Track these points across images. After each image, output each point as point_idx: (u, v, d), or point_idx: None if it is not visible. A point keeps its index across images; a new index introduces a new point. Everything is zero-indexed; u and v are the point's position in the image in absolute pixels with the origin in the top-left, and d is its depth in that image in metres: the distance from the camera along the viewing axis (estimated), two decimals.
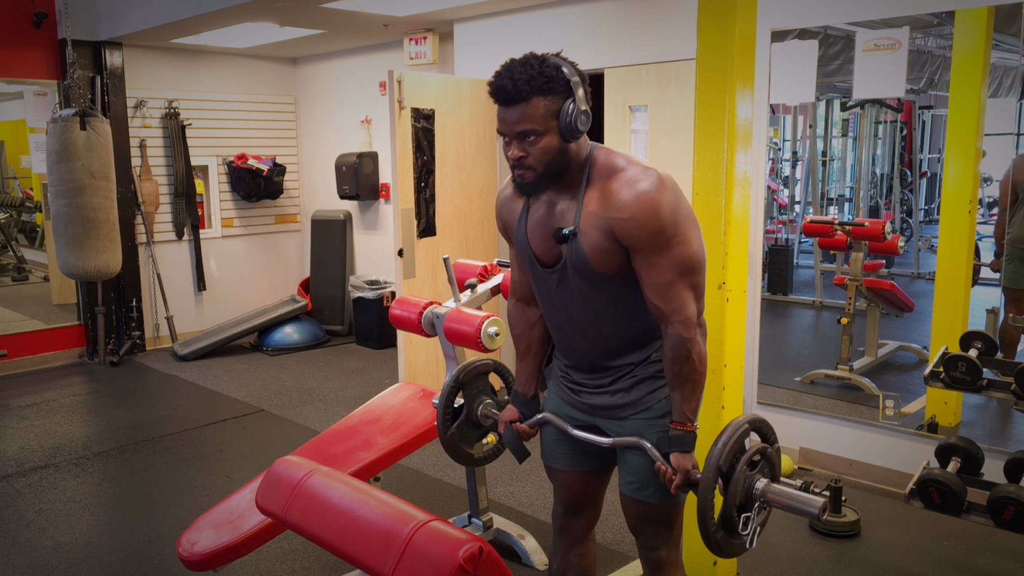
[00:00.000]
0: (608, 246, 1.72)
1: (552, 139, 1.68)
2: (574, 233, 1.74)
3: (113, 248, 5.13)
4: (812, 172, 4.99)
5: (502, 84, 1.65)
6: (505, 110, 1.67)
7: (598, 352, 1.87)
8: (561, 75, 1.66)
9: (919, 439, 3.55)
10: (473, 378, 2.39)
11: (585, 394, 1.93)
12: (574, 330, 1.87)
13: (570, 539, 2.11)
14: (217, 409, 4.92)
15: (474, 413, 2.40)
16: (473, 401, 2.40)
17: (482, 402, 2.41)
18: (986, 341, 2.96)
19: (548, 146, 1.68)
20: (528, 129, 1.66)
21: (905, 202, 4.67)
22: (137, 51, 6.08)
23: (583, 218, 1.74)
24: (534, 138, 1.67)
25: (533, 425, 2.04)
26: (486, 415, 2.39)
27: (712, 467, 1.67)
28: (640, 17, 4.25)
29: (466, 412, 2.39)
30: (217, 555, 2.36)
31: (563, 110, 1.66)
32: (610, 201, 1.70)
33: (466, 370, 2.39)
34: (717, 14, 2.54)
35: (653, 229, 1.68)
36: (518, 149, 1.69)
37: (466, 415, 2.39)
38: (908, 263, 4.70)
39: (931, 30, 3.59)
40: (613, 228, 1.70)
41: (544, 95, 1.64)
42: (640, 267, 1.73)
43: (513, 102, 1.65)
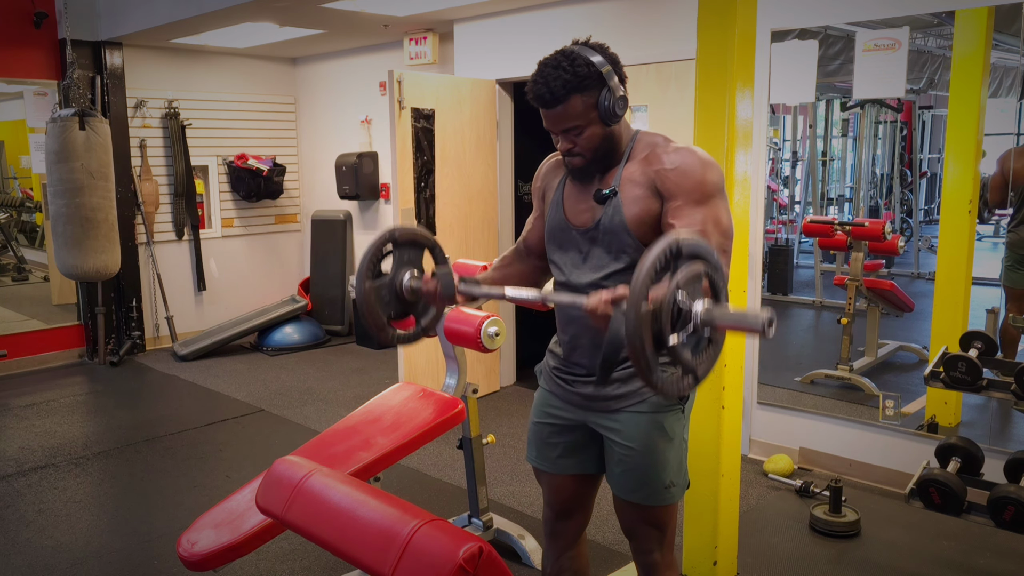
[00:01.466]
0: (648, 201, 1.76)
1: (595, 129, 1.77)
2: (614, 192, 1.80)
3: (112, 248, 5.13)
4: (812, 172, 4.99)
5: (539, 92, 1.73)
6: (546, 112, 1.77)
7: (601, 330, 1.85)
8: (593, 69, 1.72)
9: (919, 439, 3.55)
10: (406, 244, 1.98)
11: (579, 383, 1.92)
12: (586, 295, 1.85)
13: (561, 543, 2.10)
14: (217, 409, 4.92)
15: (399, 280, 1.97)
16: (400, 268, 1.98)
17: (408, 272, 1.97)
18: (986, 341, 2.96)
19: (592, 135, 1.77)
20: (571, 126, 1.76)
21: (905, 202, 4.67)
22: (137, 51, 6.08)
23: (624, 179, 1.81)
24: (578, 131, 1.77)
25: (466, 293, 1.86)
26: (412, 288, 1.96)
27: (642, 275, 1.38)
28: (640, 17, 4.25)
29: (391, 278, 1.97)
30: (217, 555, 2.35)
31: (600, 101, 1.74)
32: (655, 160, 1.78)
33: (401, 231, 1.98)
34: (717, 14, 2.54)
35: (696, 180, 1.73)
36: (566, 142, 1.80)
37: (390, 280, 1.97)
38: (908, 263, 4.70)
39: (931, 30, 3.59)
40: (655, 180, 1.76)
41: (580, 92, 1.72)
42: (673, 216, 1.73)
43: (553, 105, 1.74)
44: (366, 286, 1.90)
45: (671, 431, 1.87)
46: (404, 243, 1.96)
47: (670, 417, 1.86)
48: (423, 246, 1.99)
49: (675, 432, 1.88)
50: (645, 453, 1.85)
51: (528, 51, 4.72)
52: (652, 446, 1.85)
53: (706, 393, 2.64)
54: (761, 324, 1.37)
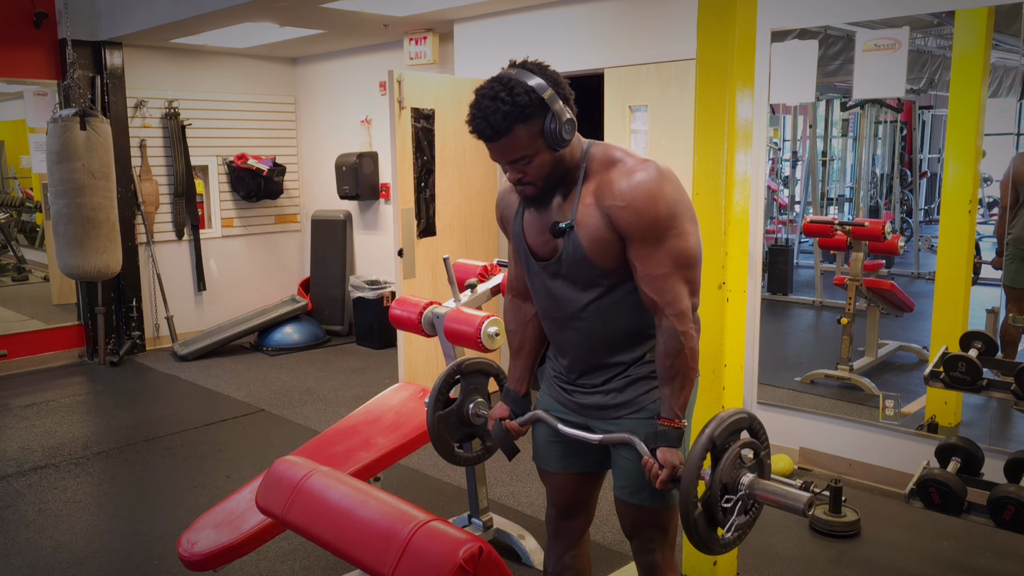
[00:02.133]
0: (605, 236, 1.72)
1: (543, 156, 1.70)
2: (571, 226, 1.74)
3: (113, 248, 5.13)
4: (812, 172, 4.99)
5: (480, 127, 1.67)
6: (491, 145, 1.70)
7: (591, 349, 1.86)
8: (533, 96, 1.64)
9: (919, 439, 3.55)
10: (473, 374, 2.34)
11: (578, 394, 1.92)
12: (568, 326, 1.86)
13: (564, 542, 2.10)
14: (217, 409, 4.92)
15: (465, 408, 2.34)
16: (467, 396, 2.35)
17: (475, 400, 2.35)
18: (986, 341, 2.95)
19: (541, 163, 1.71)
20: (517, 157, 1.70)
21: (905, 202, 4.67)
22: (137, 51, 6.08)
23: (580, 210, 1.74)
24: (526, 161, 1.70)
25: (524, 423, 2.02)
26: (476, 414, 2.33)
27: (697, 453, 1.63)
28: (640, 17, 4.25)
29: (458, 405, 2.34)
30: (217, 555, 2.36)
31: (545, 127, 1.67)
32: (608, 190, 1.71)
33: (468, 363, 2.33)
34: (717, 14, 2.54)
35: (650, 218, 1.67)
36: (514, 172, 1.74)
37: (457, 408, 2.34)
38: (908, 263, 4.70)
39: (931, 30, 3.59)
40: (611, 216, 1.70)
41: (522, 122, 1.65)
42: (635, 258, 1.72)
43: (496, 139, 1.67)
44: (436, 417, 2.26)
45: None
46: (470, 373, 2.31)
47: None
48: (488, 374, 2.34)
49: None
50: None
51: (528, 51, 4.72)
52: None
53: (706, 393, 2.64)
54: (802, 507, 1.62)
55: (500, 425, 2.05)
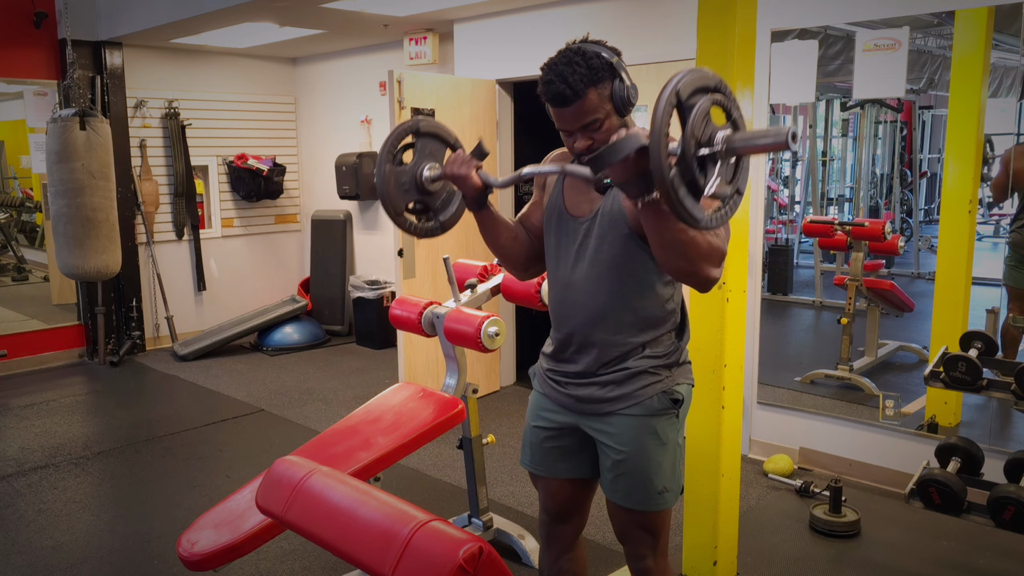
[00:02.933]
0: None
1: (613, 120, 1.73)
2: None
3: (113, 248, 5.14)
4: (812, 172, 4.99)
5: (558, 90, 1.67)
6: (561, 111, 1.71)
7: (597, 321, 1.84)
8: (604, 60, 1.70)
9: (919, 439, 3.55)
10: (429, 136, 1.98)
11: (571, 386, 1.91)
12: (581, 291, 1.85)
13: (559, 547, 2.09)
14: (217, 409, 4.92)
15: (418, 172, 1.96)
16: (421, 160, 1.98)
17: (428, 164, 1.97)
18: (986, 341, 2.96)
19: (611, 128, 1.73)
20: (589, 121, 1.71)
21: (905, 202, 4.67)
22: (137, 51, 6.08)
23: None
24: (597, 125, 1.72)
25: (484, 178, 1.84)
26: (431, 179, 1.96)
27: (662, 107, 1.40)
28: (640, 17, 4.25)
29: (411, 166, 1.98)
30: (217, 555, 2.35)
31: (614, 91, 1.71)
32: None
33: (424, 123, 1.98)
34: (717, 14, 2.54)
35: None
36: (584, 139, 1.73)
37: (411, 168, 1.97)
38: (908, 263, 4.70)
39: (931, 30, 3.59)
40: None
41: (595, 85, 1.69)
42: None
43: (571, 102, 1.69)
44: (386, 170, 1.92)
45: (664, 436, 1.85)
46: (427, 135, 1.97)
47: (663, 421, 1.85)
48: (446, 143, 1.99)
49: (668, 437, 1.86)
50: (638, 458, 1.84)
51: (528, 51, 4.76)
52: (645, 451, 1.84)
53: (706, 393, 2.64)
54: (785, 138, 1.35)
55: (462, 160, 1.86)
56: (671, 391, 1.85)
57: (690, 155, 1.39)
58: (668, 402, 1.84)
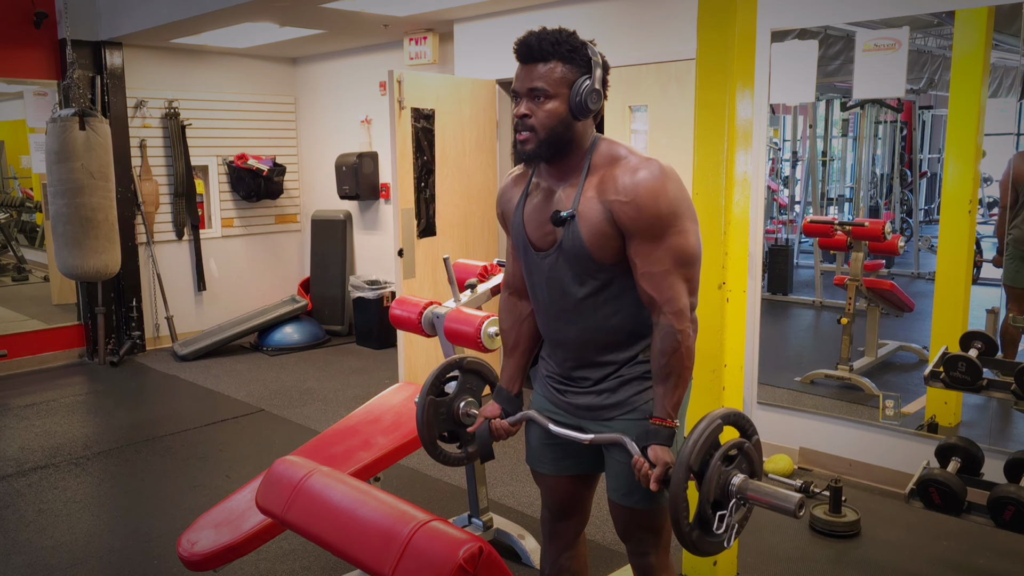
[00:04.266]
0: (605, 230, 1.71)
1: (560, 106, 1.71)
2: (572, 216, 1.74)
3: (112, 248, 5.13)
4: (812, 172, 4.99)
5: (528, 40, 1.72)
6: (523, 68, 1.74)
7: (585, 345, 1.85)
8: (585, 52, 1.72)
9: (919, 439, 3.55)
10: (471, 373, 2.22)
11: (570, 394, 1.91)
12: (562, 320, 1.85)
13: (560, 544, 2.09)
14: (217, 409, 4.92)
15: (456, 404, 2.21)
16: (461, 393, 2.22)
17: (466, 399, 2.22)
18: (986, 341, 2.95)
19: (555, 111, 1.71)
20: (540, 87, 1.71)
21: (905, 202, 4.67)
22: (137, 51, 6.08)
23: (582, 202, 1.74)
24: (543, 99, 1.71)
25: (514, 423, 1.99)
26: (467, 413, 2.21)
27: (683, 461, 1.60)
28: (640, 17, 4.25)
29: (450, 399, 2.21)
30: (217, 555, 2.36)
31: (577, 83, 1.71)
32: (611, 185, 1.72)
33: (469, 361, 2.22)
34: (717, 14, 2.54)
35: (652, 215, 1.68)
36: (525, 107, 1.73)
37: (449, 401, 2.21)
38: (908, 263, 4.70)
39: (931, 30, 3.59)
40: (612, 211, 1.70)
41: (564, 62, 1.70)
42: (635, 255, 1.72)
43: (533, 60, 1.71)
44: (427, 400, 2.14)
45: None
46: (469, 371, 2.20)
47: None
48: (487, 380, 2.21)
49: None
50: None
51: None
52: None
53: (706, 393, 2.64)
54: (791, 508, 1.62)
55: (486, 425, 2.02)
56: None
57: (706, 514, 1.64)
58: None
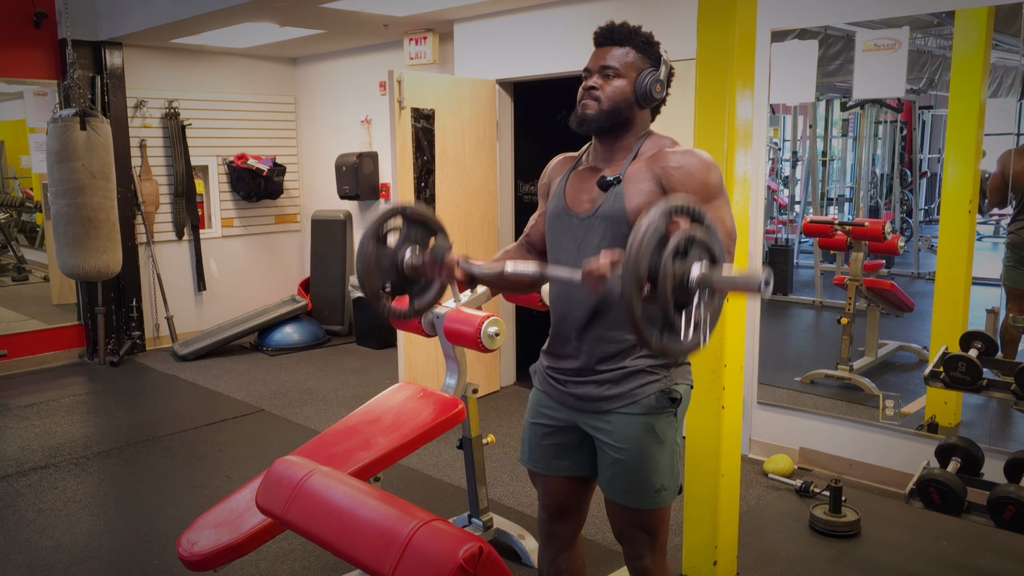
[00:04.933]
0: (651, 191, 1.78)
1: (627, 86, 1.83)
2: (618, 179, 1.82)
3: (113, 248, 5.13)
4: (812, 172, 4.99)
5: (609, 26, 1.85)
6: (600, 50, 1.86)
7: (595, 316, 1.84)
8: (656, 49, 1.86)
9: (919, 439, 3.55)
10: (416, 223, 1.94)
11: (570, 384, 1.91)
12: (578, 289, 1.78)
13: (558, 545, 2.09)
14: (217, 409, 4.92)
15: (400, 255, 1.92)
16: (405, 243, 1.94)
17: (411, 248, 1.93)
18: (986, 341, 2.96)
19: (620, 90, 1.83)
20: (612, 65, 1.83)
21: (905, 202, 4.67)
22: (137, 51, 6.08)
23: (630, 170, 1.83)
24: (612, 76, 1.83)
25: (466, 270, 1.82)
26: (412, 265, 1.91)
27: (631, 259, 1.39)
28: (640, 17, 4.22)
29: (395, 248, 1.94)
30: (217, 555, 2.35)
31: (645, 70, 1.84)
32: (661, 157, 1.81)
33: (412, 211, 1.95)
34: (717, 14, 2.55)
35: (701, 180, 1.76)
36: (594, 81, 1.84)
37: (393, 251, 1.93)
38: (908, 263, 4.70)
39: (931, 30, 3.59)
40: (661, 176, 1.79)
41: (638, 50, 1.84)
42: None
43: (612, 43, 1.85)
44: (368, 247, 1.88)
45: (662, 434, 1.85)
46: (414, 221, 1.94)
47: (662, 420, 1.85)
48: (432, 230, 1.95)
49: (667, 435, 1.86)
50: (635, 456, 1.84)
51: (528, 51, 4.76)
52: (643, 449, 1.84)
53: (706, 393, 2.64)
54: (758, 284, 1.39)
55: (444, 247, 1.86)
56: (669, 390, 1.85)
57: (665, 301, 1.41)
58: (666, 401, 1.84)
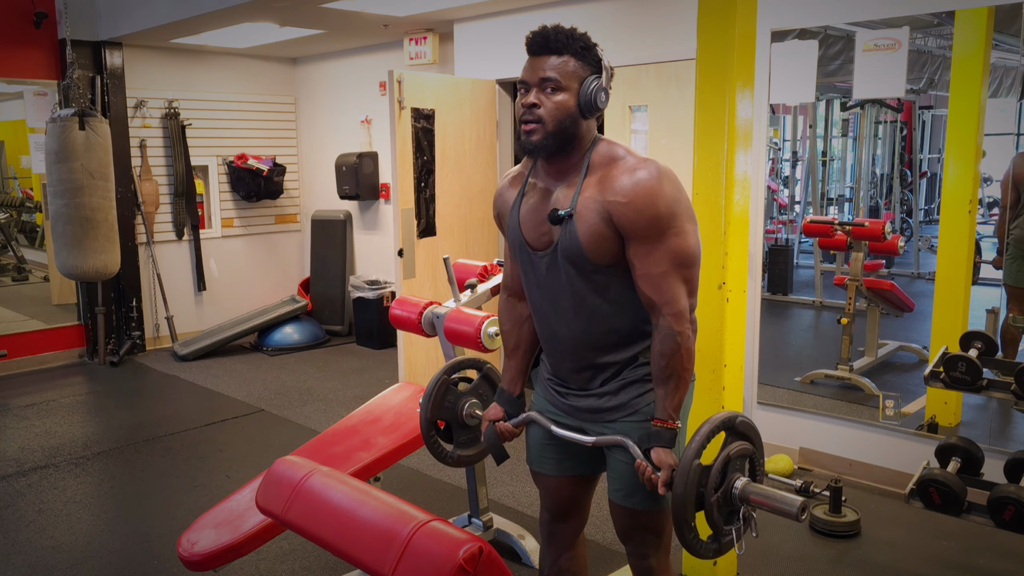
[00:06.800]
0: (603, 231, 1.71)
1: (569, 100, 1.72)
2: (570, 215, 1.73)
3: (112, 248, 5.13)
4: (812, 172, 4.99)
5: (544, 32, 1.74)
6: (535, 59, 1.75)
7: (582, 347, 1.84)
8: (595, 53, 1.75)
9: (919, 439, 3.55)
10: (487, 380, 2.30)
11: (571, 396, 1.91)
12: (559, 321, 1.84)
13: (559, 545, 2.09)
14: (217, 409, 4.92)
15: (462, 403, 2.28)
16: (469, 394, 2.30)
17: (469, 400, 2.29)
18: (986, 341, 2.95)
19: (563, 104, 1.72)
20: (552, 77, 1.72)
21: (905, 202, 4.67)
22: (137, 51, 6.08)
23: (580, 202, 1.74)
24: (553, 90, 1.72)
25: (517, 424, 1.99)
26: (470, 414, 2.28)
27: (687, 460, 1.62)
28: (640, 17, 4.25)
29: (457, 393, 2.29)
30: (217, 555, 2.36)
31: (587, 80, 1.73)
32: (609, 186, 1.71)
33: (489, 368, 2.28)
34: (717, 14, 2.54)
35: (650, 216, 1.68)
36: (534, 97, 1.73)
37: (455, 396, 2.29)
38: (908, 263, 4.70)
39: (931, 30, 3.59)
40: (611, 212, 1.70)
41: (577, 58, 1.73)
42: (634, 256, 1.71)
43: (548, 52, 1.73)
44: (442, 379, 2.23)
45: None
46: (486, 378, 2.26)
47: None
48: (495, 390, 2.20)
49: None
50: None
51: None
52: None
53: (706, 393, 2.64)
54: (795, 511, 1.59)
55: (492, 427, 2.01)
56: None
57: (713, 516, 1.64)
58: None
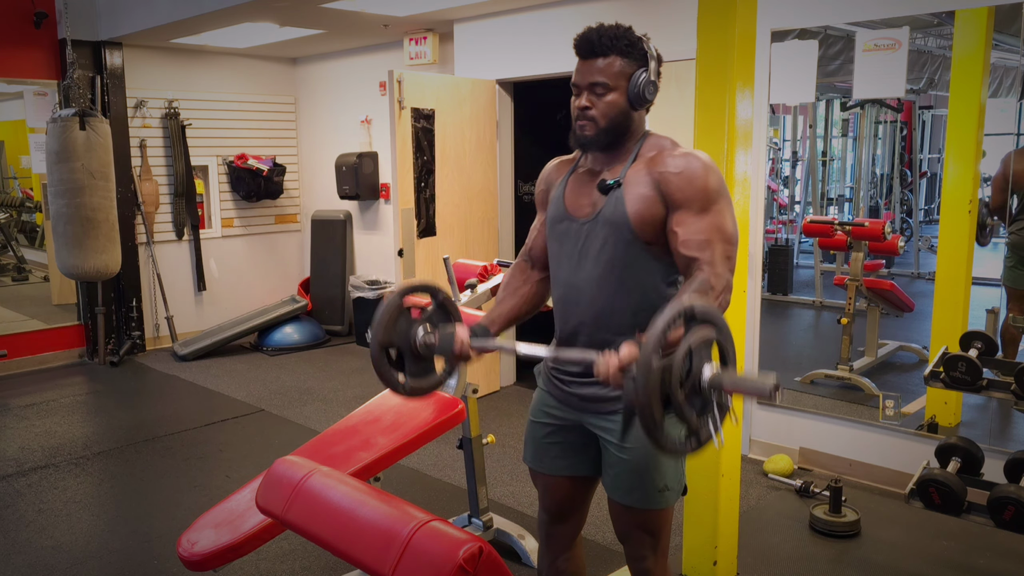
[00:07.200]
0: (650, 197, 1.75)
1: (619, 98, 1.78)
2: (618, 183, 1.79)
3: (112, 248, 5.13)
4: (812, 172, 4.99)
5: (588, 36, 1.78)
6: (583, 62, 1.80)
7: (599, 324, 1.84)
8: (641, 46, 1.79)
9: (919, 439, 3.55)
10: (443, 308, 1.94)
11: (575, 384, 1.90)
12: (581, 294, 1.84)
13: (557, 546, 2.09)
14: (217, 409, 4.92)
15: (415, 328, 1.88)
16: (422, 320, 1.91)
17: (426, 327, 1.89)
18: (986, 341, 2.95)
19: (614, 103, 1.78)
20: (600, 81, 1.77)
21: (905, 202, 4.67)
22: (137, 51, 6.08)
23: (629, 174, 1.80)
24: (603, 91, 1.77)
25: (479, 348, 1.84)
26: (424, 343, 1.88)
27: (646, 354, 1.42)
28: (640, 17, 4.25)
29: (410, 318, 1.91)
30: (217, 555, 2.35)
31: (635, 75, 1.78)
32: (660, 161, 1.78)
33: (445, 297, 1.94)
34: (717, 14, 2.54)
35: (700, 186, 1.73)
36: (586, 100, 1.79)
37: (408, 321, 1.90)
38: (908, 263, 4.70)
39: (931, 30, 3.59)
40: (661, 181, 1.75)
41: (622, 56, 1.77)
42: (677, 224, 1.73)
43: (593, 55, 1.77)
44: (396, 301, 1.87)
45: None
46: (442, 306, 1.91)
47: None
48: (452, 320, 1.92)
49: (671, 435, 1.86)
50: (640, 455, 1.84)
51: (528, 51, 4.76)
52: (647, 448, 1.83)
53: None
54: (768, 389, 1.46)
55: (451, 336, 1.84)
56: None
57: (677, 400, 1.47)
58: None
